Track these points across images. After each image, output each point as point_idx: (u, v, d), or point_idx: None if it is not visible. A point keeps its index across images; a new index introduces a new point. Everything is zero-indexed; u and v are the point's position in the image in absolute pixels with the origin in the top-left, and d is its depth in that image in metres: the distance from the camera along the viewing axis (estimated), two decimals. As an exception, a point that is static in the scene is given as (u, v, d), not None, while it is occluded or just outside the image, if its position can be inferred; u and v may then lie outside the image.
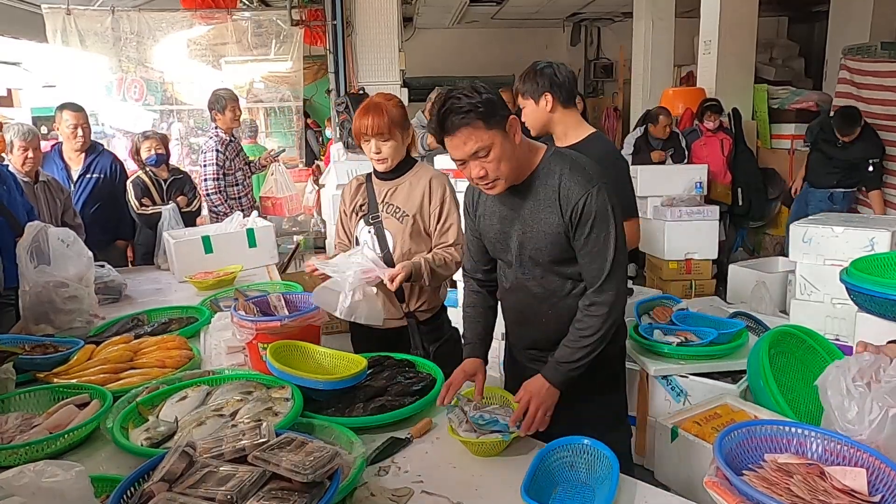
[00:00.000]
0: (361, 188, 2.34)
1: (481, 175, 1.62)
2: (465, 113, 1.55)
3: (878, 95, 5.46)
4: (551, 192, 1.67)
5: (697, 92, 6.44)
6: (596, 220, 1.64)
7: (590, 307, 1.69)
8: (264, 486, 1.21)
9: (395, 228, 2.24)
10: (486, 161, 1.60)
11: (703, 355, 2.68)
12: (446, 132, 1.58)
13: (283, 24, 6.18)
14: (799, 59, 9.00)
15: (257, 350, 2.02)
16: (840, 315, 2.96)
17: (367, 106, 2.18)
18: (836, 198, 5.29)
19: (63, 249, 2.58)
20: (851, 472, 1.21)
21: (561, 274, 1.75)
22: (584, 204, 1.63)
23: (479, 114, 1.55)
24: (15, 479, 1.16)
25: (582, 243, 1.67)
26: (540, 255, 1.73)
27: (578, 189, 1.64)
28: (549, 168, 1.70)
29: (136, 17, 5.93)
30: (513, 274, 1.82)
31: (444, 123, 1.57)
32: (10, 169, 3.28)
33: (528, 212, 1.72)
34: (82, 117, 3.91)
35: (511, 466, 1.50)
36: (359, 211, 2.32)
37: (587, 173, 1.67)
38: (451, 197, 2.27)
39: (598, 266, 1.67)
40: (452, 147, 1.60)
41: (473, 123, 1.56)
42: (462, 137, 1.57)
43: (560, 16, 11.33)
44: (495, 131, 1.58)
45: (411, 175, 2.27)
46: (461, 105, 1.55)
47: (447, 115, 1.56)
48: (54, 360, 2.12)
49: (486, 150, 1.58)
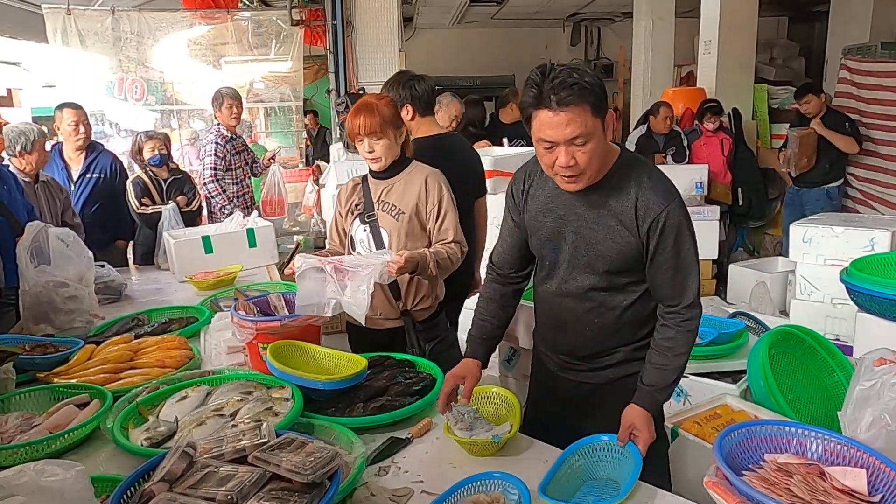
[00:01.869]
0: (357, 188, 2.35)
1: (570, 164, 1.46)
2: (581, 91, 1.39)
3: (878, 95, 5.46)
4: (626, 201, 1.55)
5: (697, 92, 6.43)
6: (679, 233, 1.54)
7: (683, 322, 1.59)
8: (264, 486, 1.22)
9: (390, 225, 2.25)
10: (582, 149, 1.44)
11: (703, 355, 2.67)
12: (550, 105, 1.40)
13: (283, 24, 6.18)
14: (799, 59, 9.00)
15: (257, 350, 2.02)
16: (840, 315, 2.96)
17: (359, 106, 2.19)
18: (832, 194, 5.31)
19: (63, 249, 2.58)
20: (851, 473, 1.21)
21: (615, 285, 1.64)
22: (665, 217, 1.52)
23: (594, 97, 1.41)
24: (14, 478, 1.16)
25: (665, 257, 1.56)
26: (599, 263, 1.61)
27: (659, 201, 1.53)
28: (625, 174, 1.57)
29: (136, 17, 5.93)
30: (559, 277, 1.69)
31: (552, 95, 1.39)
32: (11, 169, 3.28)
33: (594, 216, 1.59)
34: (83, 114, 3.92)
35: (511, 467, 1.50)
36: (354, 210, 2.33)
37: (666, 184, 1.57)
38: (448, 195, 2.25)
39: (682, 280, 1.57)
40: (551, 125, 1.42)
41: (583, 105, 1.40)
42: (567, 116, 1.40)
43: (560, 16, 11.33)
44: (599, 121, 1.44)
45: (406, 174, 2.27)
46: (577, 81, 1.38)
47: (559, 87, 1.38)
48: (54, 360, 2.12)
49: (586, 139, 1.43)
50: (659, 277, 1.60)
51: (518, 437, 1.67)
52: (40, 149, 3.40)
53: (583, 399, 1.79)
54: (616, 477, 1.49)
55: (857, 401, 1.50)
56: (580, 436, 1.57)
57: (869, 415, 1.43)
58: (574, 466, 1.50)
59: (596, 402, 1.76)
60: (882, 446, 1.28)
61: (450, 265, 2.21)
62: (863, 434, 1.40)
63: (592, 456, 1.54)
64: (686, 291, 1.59)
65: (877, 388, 1.47)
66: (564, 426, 1.75)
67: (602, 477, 1.51)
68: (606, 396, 1.74)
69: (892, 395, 1.42)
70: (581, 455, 1.52)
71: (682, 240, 1.55)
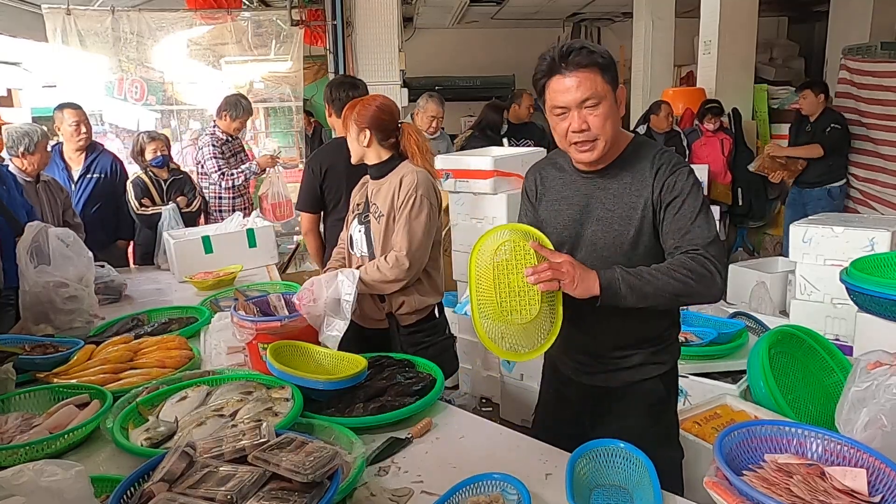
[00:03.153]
0: (363, 188, 2.38)
1: (583, 128, 1.52)
2: (589, 54, 1.49)
3: (878, 95, 5.46)
4: (643, 168, 1.59)
5: (697, 92, 6.43)
6: (690, 194, 1.54)
7: (699, 258, 1.48)
8: (264, 486, 1.21)
9: (375, 229, 2.26)
10: (594, 112, 1.51)
11: (703, 355, 2.68)
12: (561, 70, 1.50)
13: (283, 24, 6.17)
14: (799, 59, 9.00)
15: (257, 350, 2.02)
16: (840, 315, 2.96)
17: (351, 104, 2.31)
18: (834, 193, 5.31)
19: (63, 249, 2.58)
20: (851, 473, 1.21)
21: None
22: (676, 177, 1.56)
23: (602, 62, 1.50)
24: (14, 478, 1.16)
25: (675, 214, 1.54)
26: (619, 245, 1.60)
27: (674, 165, 1.58)
28: (638, 150, 1.63)
29: (136, 16, 5.92)
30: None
31: (561, 60, 1.50)
32: (10, 169, 3.28)
33: (611, 197, 1.61)
34: (83, 115, 3.93)
35: (511, 467, 1.50)
36: (355, 210, 2.36)
37: (677, 156, 1.63)
38: (413, 196, 2.17)
39: (693, 232, 1.51)
40: (561, 90, 1.51)
41: (592, 69, 1.49)
42: (577, 79, 1.49)
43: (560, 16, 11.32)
44: (609, 87, 1.52)
45: (392, 174, 2.28)
46: (585, 46, 1.50)
47: (569, 52, 1.49)
48: (54, 360, 2.12)
49: (597, 101, 1.51)
50: (669, 236, 1.55)
51: (518, 437, 1.67)
52: (43, 150, 3.40)
53: (596, 405, 1.77)
54: (624, 483, 1.46)
55: (853, 402, 1.50)
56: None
57: (865, 416, 1.43)
58: (581, 473, 1.47)
59: (609, 409, 1.75)
60: (878, 447, 1.28)
61: (382, 280, 2.16)
62: (858, 435, 1.40)
63: (597, 461, 1.50)
64: (695, 238, 1.51)
65: (872, 390, 1.47)
66: (573, 433, 1.72)
67: (608, 483, 1.48)
68: (620, 402, 1.72)
69: (889, 396, 1.42)
70: (588, 459, 1.49)
71: (691, 200, 1.54)
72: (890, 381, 1.44)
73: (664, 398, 1.79)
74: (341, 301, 2.03)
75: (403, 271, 2.15)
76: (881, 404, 1.43)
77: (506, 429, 1.77)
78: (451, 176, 3.56)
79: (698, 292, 1.49)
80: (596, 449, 1.49)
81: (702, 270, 1.47)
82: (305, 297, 2.03)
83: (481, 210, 3.51)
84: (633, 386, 1.71)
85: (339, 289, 2.04)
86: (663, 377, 1.76)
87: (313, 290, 2.04)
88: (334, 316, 2.01)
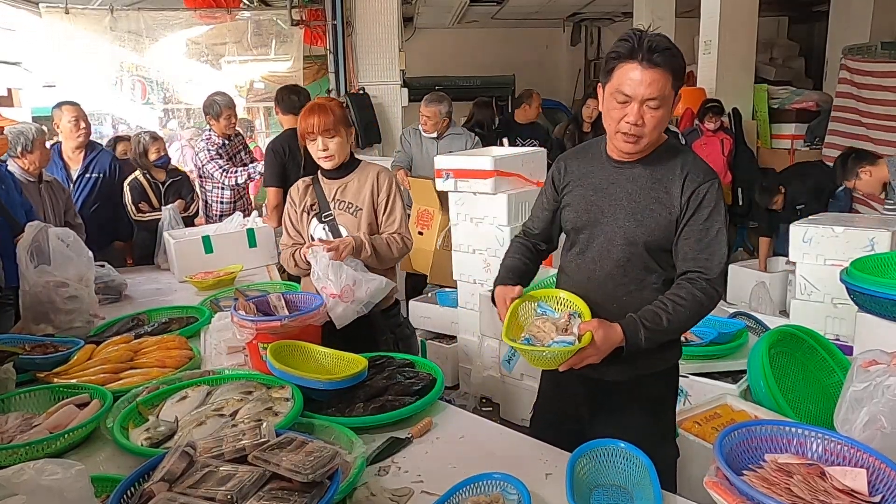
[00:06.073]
0: (309, 189, 2.45)
1: (637, 123, 1.54)
2: (672, 58, 1.50)
3: (878, 95, 5.46)
4: (673, 171, 1.62)
5: (698, 92, 6.43)
6: (715, 209, 1.59)
7: (699, 289, 1.57)
8: (264, 486, 1.21)
9: (349, 222, 2.36)
10: (653, 112, 1.53)
11: (703, 355, 2.68)
12: (640, 60, 1.49)
13: (283, 24, 6.17)
14: (799, 59, 8.99)
15: (257, 350, 2.02)
16: (840, 315, 2.96)
17: (312, 106, 2.34)
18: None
19: (63, 249, 2.58)
20: (851, 473, 1.21)
21: (649, 263, 1.66)
22: (707, 189, 1.59)
23: (680, 69, 1.53)
24: (14, 477, 1.16)
25: (696, 227, 1.59)
26: (638, 234, 1.63)
27: (704, 175, 1.61)
28: (670, 152, 1.65)
29: (134, 16, 5.92)
30: (593, 252, 1.70)
31: (646, 52, 1.49)
32: (10, 168, 3.28)
33: (638, 188, 1.64)
34: (81, 111, 3.93)
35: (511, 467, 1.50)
36: (310, 210, 2.42)
37: (708, 165, 1.66)
38: (396, 189, 2.41)
39: (709, 255, 1.59)
40: (634, 80, 1.51)
41: (668, 72, 1.50)
42: (653, 76, 1.50)
43: (560, 16, 11.31)
44: (673, 93, 1.54)
45: (358, 172, 2.41)
46: (670, 47, 1.50)
47: (655, 48, 1.49)
48: (54, 360, 2.12)
49: (659, 103, 1.52)
50: (686, 247, 1.61)
51: (518, 437, 1.67)
52: (41, 147, 3.39)
53: (598, 399, 1.77)
54: (624, 483, 1.46)
55: (851, 402, 1.50)
56: (587, 440, 1.54)
57: (864, 416, 1.43)
58: (581, 473, 1.47)
59: (611, 404, 1.74)
60: (877, 448, 1.27)
61: (389, 253, 2.35)
62: (857, 435, 1.40)
63: (597, 461, 1.50)
64: (710, 265, 1.59)
65: (870, 390, 1.47)
66: (573, 429, 1.73)
67: (608, 483, 1.48)
68: (623, 397, 1.72)
69: (888, 397, 1.42)
70: (588, 459, 1.49)
71: (716, 216, 1.60)
72: (888, 382, 1.44)
73: (664, 396, 1.81)
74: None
75: (404, 248, 2.40)
76: (880, 405, 1.43)
77: (506, 429, 1.77)
78: (451, 176, 3.55)
79: (697, 321, 1.64)
80: (596, 449, 1.49)
81: (710, 305, 1.60)
82: (346, 294, 2.13)
83: (481, 210, 3.50)
84: (633, 381, 1.71)
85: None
86: (663, 375, 1.78)
87: (353, 288, 2.13)
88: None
